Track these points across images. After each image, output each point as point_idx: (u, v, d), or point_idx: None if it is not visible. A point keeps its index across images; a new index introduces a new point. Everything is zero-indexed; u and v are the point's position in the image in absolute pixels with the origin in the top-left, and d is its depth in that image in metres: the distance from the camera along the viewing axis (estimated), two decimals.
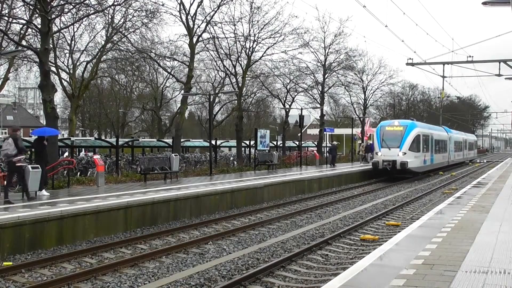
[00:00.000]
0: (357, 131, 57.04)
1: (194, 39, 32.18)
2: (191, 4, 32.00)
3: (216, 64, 41.08)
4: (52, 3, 22.63)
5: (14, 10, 28.39)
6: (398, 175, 33.37)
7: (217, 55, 38.14)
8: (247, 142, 41.71)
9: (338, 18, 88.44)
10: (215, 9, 32.91)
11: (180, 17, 31.76)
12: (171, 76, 43.96)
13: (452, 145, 48.32)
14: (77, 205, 14.04)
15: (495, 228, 10.93)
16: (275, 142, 47.94)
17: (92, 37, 34.46)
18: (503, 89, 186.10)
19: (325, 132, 50.76)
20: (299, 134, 47.70)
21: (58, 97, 58.28)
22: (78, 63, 36.53)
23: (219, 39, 36.10)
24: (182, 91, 37.04)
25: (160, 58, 36.56)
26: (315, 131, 63.11)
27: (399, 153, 32.75)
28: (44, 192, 16.47)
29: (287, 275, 10.12)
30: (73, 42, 34.94)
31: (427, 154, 36.45)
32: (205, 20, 32.99)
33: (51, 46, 27.04)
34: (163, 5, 36.72)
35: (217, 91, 43.69)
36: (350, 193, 25.66)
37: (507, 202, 15.83)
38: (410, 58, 28.13)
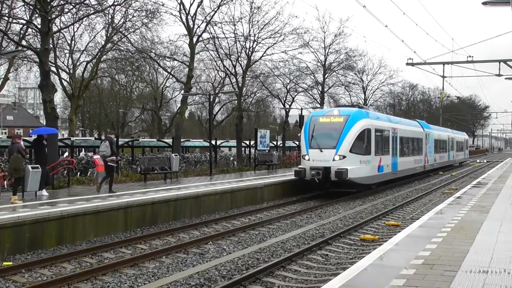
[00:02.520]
0: None
1: (194, 39, 32.18)
2: (191, 4, 32.02)
3: (216, 64, 41.11)
4: (52, 3, 22.64)
5: (14, 10, 28.38)
6: (335, 189, 22.80)
7: (217, 55, 38.14)
8: (247, 142, 41.70)
9: (338, 18, 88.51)
10: (215, 9, 32.92)
11: (180, 17, 31.76)
12: (171, 76, 43.96)
13: (430, 145, 38.22)
14: (77, 205, 14.03)
15: (495, 228, 10.92)
16: (275, 142, 47.92)
17: (92, 37, 34.46)
18: (503, 89, 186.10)
19: None
20: (299, 134, 47.68)
21: (58, 97, 58.35)
22: (78, 63, 36.53)
23: (219, 39, 36.10)
24: (182, 91, 37.04)
25: (160, 58, 36.55)
26: None
27: (334, 156, 21.99)
28: (44, 192, 16.46)
29: (287, 275, 10.12)
30: (73, 42, 34.94)
31: (384, 157, 25.97)
32: (205, 20, 32.99)
33: (51, 46, 27.03)
34: (163, 5, 36.70)
35: (217, 91, 43.67)
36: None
37: (507, 202, 15.83)
38: (410, 58, 28.15)
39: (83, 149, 39.86)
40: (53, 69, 31.20)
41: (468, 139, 67.17)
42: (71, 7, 26.93)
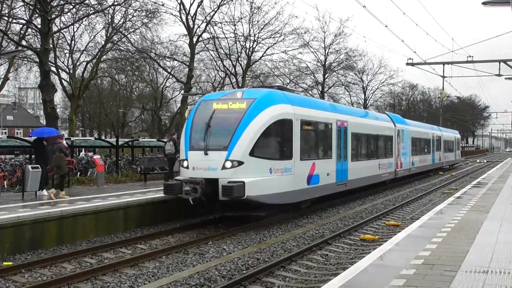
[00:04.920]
0: None
1: (194, 39, 32.23)
2: (191, 4, 32.12)
3: (216, 64, 41.18)
4: (52, 3, 22.66)
5: (14, 10, 28.42)
6: (231, 213, 15.35)
7: (217, 55, 38.19)
8: None
9: (338, 18, 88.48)
10: (215, 9, 33.00)
11: (180, 17, 31.84)
12: (171, 76, 44.04)
13: (405, 144, 30.48)
14: (77, 205, 14.03)
15: (495, 228, 10.93)
16: None
17: (92, 37, 34.53)
18: (503, 89, 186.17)
19: None
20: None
21: (58, 97, 58.35)
22: (78, 63, 36.57)
23: (219, 39, 36.16)
24: (182, 91, 37.09)
25: (160, 58, 36.62)
26: None
27: (224, 162, 14.39)
28: (44, 192, 16.47)
29: (287, 275, 10.12)
30: (73, 42, 34.99)
31: (322, 163, 18.18)
32: (205, 20, 33.06)
33: (51, 46, 27.05)
34: (163, 5, 36.80)
35: (217, 91, 43.72)
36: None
37: (507, 202, 15.83)
38: (410, 58, 28.14)
39: (83, 149, 39.84)
40: (53, 69, 31.23)
41: (460, 138, 57.12)
42: (71, 7, 26.98)
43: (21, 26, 28.96)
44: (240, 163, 14.31)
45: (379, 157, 25.28)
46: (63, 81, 35.66)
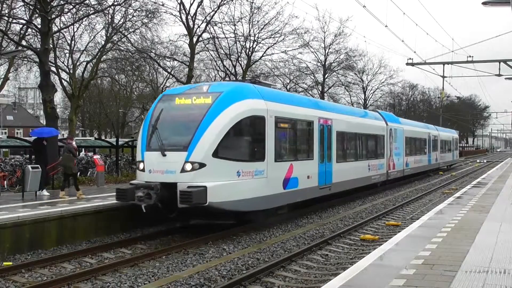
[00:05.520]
0: None
1: (194, 39, 32.22)
2: (191, 4, 32.08)
3: (216, 64, 41.13)
4: (52, 3, 22.65)
5: (14, 10, 28.42)
6: (197, 220, 14.81)
7: (217, 55, 38.16)
8: None
9: (338, 18, 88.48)
10: (215, 9, 32.98)
11: (180, 17, 31.81)
12: (171, 76, 43.97)
13: (398, 144, 29.05)
14: (77, 205, 14.03)
15: (495, 228, 10.93)
16: None
17: (92, 37, 34.47)
18: (503, 89, 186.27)
19: None
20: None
21: (58, 97, 58.36)
22: (78, 63, 36.52)
23: (219, 39, 36.15)
24: None
25: (160, 58, 36.58)
26: None
27: (184, 164, 12.89)
28: (44, 192, 16.48)
29: (287, 275, 10.12)
30: (73, 42, 34.92)
31: (300, 164, 16.61)
32: (205, 20, 33.04)
33: (51, 46, 27.03)
34: (163, 5, 36.71)
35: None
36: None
37: (507, 202, 15.84)
38: (410, 58, 28.15)
39: (83, 149, 39.84)
40: (53, 69, 31.19)
41: (458, 137, 54.88)
42: (71, 7, 26.96)
43: (21, 26, 28.95)
44: (202, 165, 12.76)
45: (368, 158, 23.80)
46: (63, 81, 35.61)
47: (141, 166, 13.70)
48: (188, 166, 12.77)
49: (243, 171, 13.56)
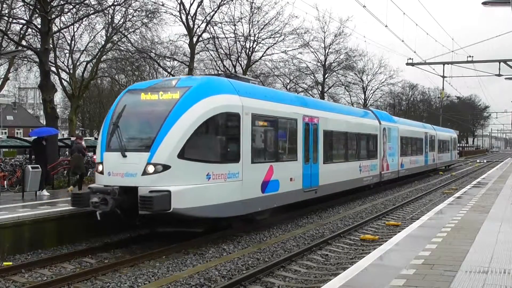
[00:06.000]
0: None
1: (194, 39, 32.25)
2: (191, 4, 32.12)
3: (216, 64, 41.16)
4: (52, 3, 22.66)
5: (14, 10, 28.44)
6: (164, 228, 12.84)
7: (217, 55, 38.19)
8: None
9: (338, 18, 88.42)
10: (215, 9, 33.02)
11: (180, 17, 31.85)
12: (171, 76, 43.96)
13: (393, 144, 27.80)
14: None
15: (495, 228, 10.93)
16: None
17: (92, 37, 34.52)
18: (503, 89, 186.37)
19: None
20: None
21: (58, 97, 58.30)
22: (78, 63, 36.55)
23: (219, 39, 36.18)
24: None
25: (160, 58, 36.61)
26: None
27: (146, 166, 11.68)
28: (44, 192, 16.48)
29: (287, 275, 10.12)
30: (73, 42, 34.97)
31: (282, 166, 15.38)
32: (205, 20, 33.08)
33: (51, 46, 27.06)
34: (163, 5, 36.73)
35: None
36: None
37: (507, 202, 15.84)
38: (410, 58, 28.15)
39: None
40: (53, 69, 31.23)
41: (456, 137, 52.82)
42: (71, 7, 26.98)
43: (21, 26, 29.00)
44: (166, 167, 11.50)
45: (360, 159, 22.47)
46: (63, 81, 35.65)
47: (99, 168, 12.41)
48: (150, 168, 11.52)
49: (213, 173, 12.27)
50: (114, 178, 11.92)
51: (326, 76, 49.17)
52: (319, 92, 48.95)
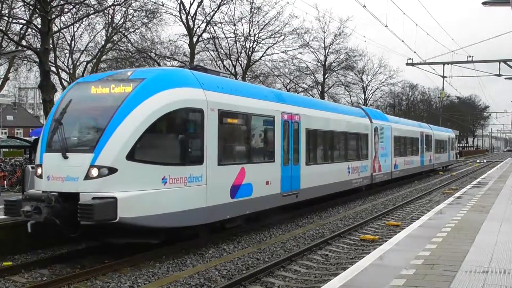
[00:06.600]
0: None
1: (194, 39, 32.27)
2: (191, 4, 32.18)
3: (216, 64, 41.18)
4: (52, 3, 22.67)
5: (14, 10, 28.46)
6: (113, 239, 11.13)
7: (217, 55, 38.22)
8: None
9: (338, 18, 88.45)
10: (215, 9, 33.07)
11: (180, 17, 31.89)
12: None
13: (385, 144, 26.46)
14: None
15: (495, 228, 10.93)
16: None
17: (92, 37, 34.56)
18: (503, 89, 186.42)
19: None
20: None
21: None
22: (78, 63, 36.56)
23: (219, 39, 36.21)
24: None
25: (160, 58, 36.62)
26: None
27: (89, 169, 10.18)
28: None
29: (287, 275, 10.12)
30: (73, 42, 35.01)
31: (256, 168, 14.00)
32: (205, 20, 33.12)
33: (51, 46, 27.07)
34: (163, 5, 36.78)
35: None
36: None
37: (507, 202, 15.84)
38: (410, 58, 28.16)
39: None
40: (53, 69, 31.25)
41: (454, 137, 50.97)
42: (71, 7, 27.00)
43: (21, 26, 29.03)
44: (112, 170, 10.06)
45: (348, 160, 20.99)
46: (63, 81, 35.67)
47: (38, 171, 10.89)
48: (94, 172, 10.07)
49: (171, 177, 10.79)
50: (54, 183, 10.45)
51: (326, 76, 49.21)
52: (319, 92, 48.99)
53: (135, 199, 10.11)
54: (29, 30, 28.64)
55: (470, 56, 26.46)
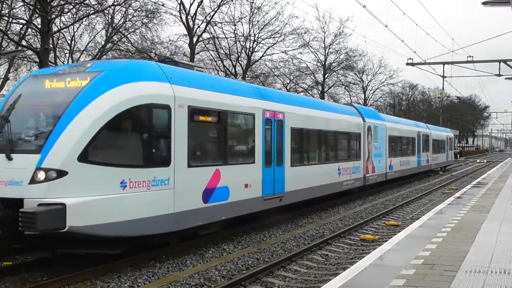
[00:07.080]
0: None
1: (194, 39, 32.29)
2: (191, 4, 32.19)
3: (216, 64, 41.21)
4: (52, 3, 22.68)
5: (14, 10, 28.47)
6: (65, 249, 10.36)
7: (217, 55, 38.23)
8: None
9: (338, 18, 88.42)
10: (215, 9, 33.09)
11: (180, 17, 31.90)
12: None
13: (380, 144, 25.40)
14: None
15: (495, 228, 10.94)
16: None
17: (92, 37, 34.56)
18: (503, 89, 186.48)
19: None
20: None
21: None
22: None
23: (219, 39, 36.22)
24: None
25: (160, 58, 36.61)
26: None
27: (35, 171, 8.95)
28: None
29: (287, 275, 10.13)
30: (73, 42, 35.01)
31: (231, 170, 12.78)
32: (205, 20, 33.14)
33: (51, 46, 27.08)
34: (163, 5, 36.76)
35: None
36: None
37: (507, 202, 15.85)
38: (410, 58, 28.20)
39: None
40: None
41: (453, 137, 49.52)
42: (71, 7, 27.00)
43: (21, 26, 29.04)
44: (61, 173, 8.95)
45: (338, 160, 19.84)
46: None
47: None
48: (41, 175, 8.93)
49: (131, 180, 9.68)
50: None
51: (326, 76, 49.24)
52: (319, 92, 48.99)
53: (87, 206, 9.02)
54: (29, 30, 28.67)
55: (470, 56, 26.50)
